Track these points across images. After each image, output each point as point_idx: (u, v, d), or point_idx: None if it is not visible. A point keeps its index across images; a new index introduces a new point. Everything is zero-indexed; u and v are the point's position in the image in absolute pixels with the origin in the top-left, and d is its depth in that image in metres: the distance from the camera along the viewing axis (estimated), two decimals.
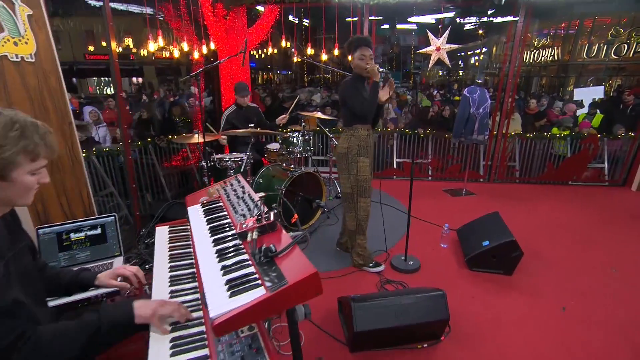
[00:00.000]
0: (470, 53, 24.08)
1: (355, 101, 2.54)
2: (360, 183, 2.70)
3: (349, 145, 2.66)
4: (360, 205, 2.75)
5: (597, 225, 3.88)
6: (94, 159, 4.05)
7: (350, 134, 2.68)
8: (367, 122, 2.67)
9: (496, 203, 4.49)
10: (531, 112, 6.70)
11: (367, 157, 2.68)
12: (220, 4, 4.53)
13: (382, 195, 4.73)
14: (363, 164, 2.66)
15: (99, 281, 1.32)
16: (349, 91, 2.58)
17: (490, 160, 5.35)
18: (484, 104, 4.36)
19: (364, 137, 2.65)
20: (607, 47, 13.57)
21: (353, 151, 2.66)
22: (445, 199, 4.68)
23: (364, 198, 2.74)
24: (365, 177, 2.68)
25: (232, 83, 4.96)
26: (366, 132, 2.66)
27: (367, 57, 2.53)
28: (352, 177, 2.71)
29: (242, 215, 1.39)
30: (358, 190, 2.72)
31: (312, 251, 3.27)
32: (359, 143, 2.65)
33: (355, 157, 2.66)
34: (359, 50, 2.54)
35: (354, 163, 2.67)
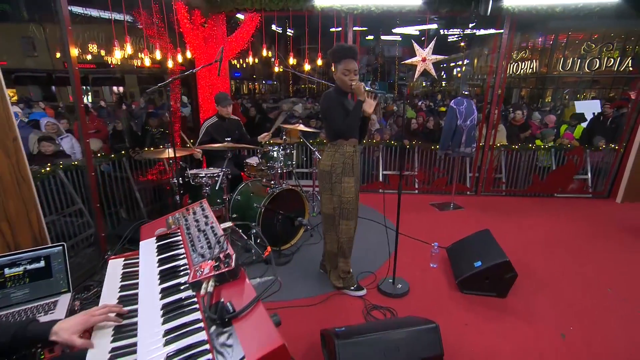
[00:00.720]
0: (452, 65, 24.56)
1: (336, 118, 2.36)
2: (343, 205, 2.49)
3: (333, 162, 2.47)
4: (342, 228, 2.55)
5: (587, 239, 3.79)
6: (61, 173, 3.74)
7: (334, 150, 2.48)
8: (353, 137, 2.48)
9: (485, 217, 4.37)
10: (516, 123, 6.70)
11: (353, 176, 2.48)
12: (197, 11, 4.33)
13: (368, 211, 4.58)
14: (347, 185, 2.46)
15: (57, 336, 1.00)
16: (330, 105, 2.39)
17: (477, 172, 5.27)
18: (471, 116, 4.26)
19: (349, 154, 2.46)
20: (581, 61, 14.08)
21: (337, 170, 2.46)
22: (433, 213, 4.53)
23: (347, 221, 2.53)
24: (350, 199, 2.48)
25: (211, 93, 4.74)
26: (352, 148, 2.47)
27: (351, 72, 2.33)
28: (335, 197, 2.50)
29: (200, 255, 1.15)
30: (340, 212, 2.52)
31: (294, 273, 3.03)
32: (344, 160, 2.46)
33: (339, 177, 2.46)
34: (343, 62, 2.34)
35: (338, 183, 2.47)
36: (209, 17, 4.45)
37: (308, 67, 4.84)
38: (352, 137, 2.45)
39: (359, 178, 2.62)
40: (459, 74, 23.66)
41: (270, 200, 3.22)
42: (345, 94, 2.42)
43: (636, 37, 12.86)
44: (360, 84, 2.32)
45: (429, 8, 4.21)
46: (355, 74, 2.35)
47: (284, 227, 3.37)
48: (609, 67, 13.42)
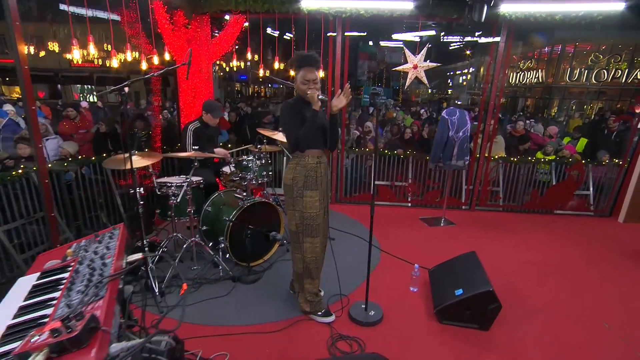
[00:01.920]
0: (458, 73, 24.37)
1: (292, 129, 2.18)
2: (306, 221, 2.27)
3: (294, 175, 2.25)
4: (307, 247, 2.32)
5: (586, 264, 3.51)
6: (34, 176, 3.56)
7: (295, 163, 2.27)
8: (316, 147, 2.27)
9: (477, 235, 4.10)
10: (517, 134, 6.44)
11: (316, 189, 2.26)
12: (180, 11, 4.15)
13: (354, 224, 4.33)
14: (310, 199, 2.25)
15: None
16: (287, 115, 2.21)
17: (472, 185, 5.01)
18: (463, 127, 4.02)
19: (312, 166, 2.25)
20: (588, 72, 13.82)
21: (299, 183, 2.24)
22: (421, 229, 4.28)
23: (311, 238, 2.31)
24: (313, 215, 2.26)
25: (194, 97, 4.55)
26: (315, 159, 2.26)
27: (310, 81, 2.17)
28: (297, 213, 2.29)
29: (67, 306, 0.92)
30: (304, 229, 2.30)
31: (261, 293, 2.80)
32: (306, 173, 2.24)
33: (301, 191, 2.24)
34: (302, 71, 2.18)
35: (300, 197, 2.25)
36: (193, 19, 4.27)
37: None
38: (313, 148, 2.24)
39: (327, 192, 2.40)
40: (464, 82, 23.46)
41: (241, 214, 3.00)
42: (307, 103, 2.22)
43: None
44: (315, 91, 2.13)
45: (421, 12, 3.99)
46: (314, 84, 2.18)
47: (256, 241, 3.14)
48: (617, 79, 13.15)
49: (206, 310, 2.58)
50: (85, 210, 4.03)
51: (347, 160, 5.51)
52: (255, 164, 3.21)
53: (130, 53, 3.21)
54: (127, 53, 3.21)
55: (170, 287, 2.81)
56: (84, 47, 2.99)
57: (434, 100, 17.52)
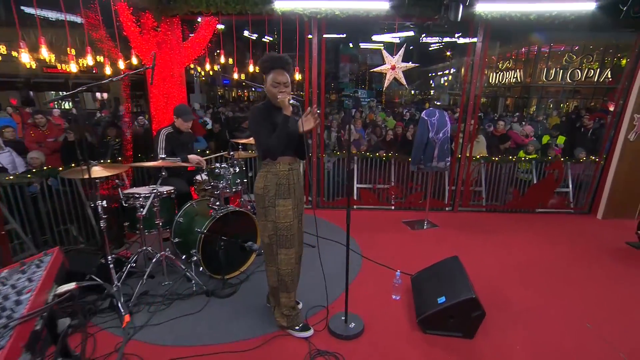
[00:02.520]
0: (440, 74, 24.71)
1: (261, 136, 2.05)
2: (279, 232, 2.15)
3: (265, 184, 2.13)
4: (281, 259, 2.20)
5: (567, 262, 3.49)
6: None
7: (265, 171, 2.14)
8: (288, 154, 2.15)
9: (461, 237, 4.05)
10: (497, 134, 6.48)
11: (289, 198, 2.14)
12: (148, 13, 3.98)
13: (335, 230, 4.22)
14: (283, 208, 2.12)
15: None
16: (256, 122, 2.07)
17: (454, 185, 4.97)
18: (443, 128, 3.98)
19: (283, 173, 2.13)
20: (563, 71, 14.23)
21: (270, 192, 2.12)
22: (404, 232, 4.20)
23: (286, 249, 2.18)
24: (286, 225, 2.14)
25: (166, 103, 4.37)
26: (287, 166, 2.14)
27: (281, 84, 2.04)
28: (270, 224, 2.16)
29: None
30: (277, 241, 2.17)
31: (236, 308, 2.66)
32: (278, 181, 2.12)
33: (272, 200, 2.12)
34: (272, 73, 2.05)
35: (272, 207, 2.13)
36: (162, 21, 4.10)
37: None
38: (285, 155, 2.13)
39: (301, 199, 2.29)
40: (445, 83, 23.80)
41: (214, 224, 2.85)
42: (277, 108, 2.10)
43: (614, 49, 13.07)
44: (287, 95, 2.01)
45: (397, 13, 3.94)
46: (285, 87, 2.06)
47: (232, 253, 2.99)
48: (590, 78, 13.56)
49: (177, 329, 2.42)
50: (53, 223, 3.82)
51: (329, 163, 5.42)
52: (228, 171, 3.06)
53: (91, 57, 3.02)
54: (87, 57, 3.02)
55: (138, 305, 2.64)
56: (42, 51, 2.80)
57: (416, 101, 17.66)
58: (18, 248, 3.60)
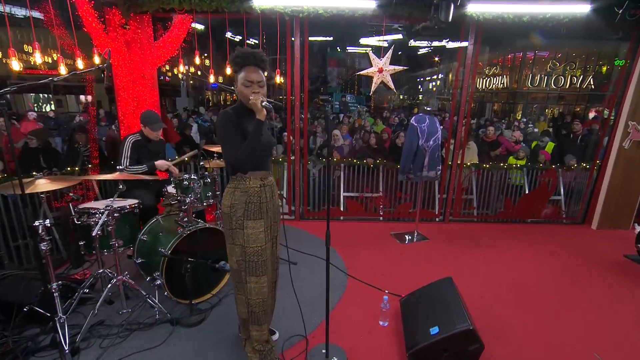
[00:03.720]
0: (428, 79, 24.78)
1: (229, 146, 1.75)
2: (249, 257, 1.85)
3: (232, 202, 1.83)
4: (251, 287, 1.89)
5: (565, 280, 3.27)
6: None
7: (233, 187, 1.85)
8: (261, 168, 1.87)
9: (451, 251, 3.81)
10: (488, 140, 6.31)
11: (261, 218, 1.85)
12: (115, 9, 3.65)
13: (318, 244, 3.89)
14: (253, 231, 1.83)
15: None
16: (224, 129, 1.76)
17: (445, 193, 4.74)
18: (434, 135, 3.74)
19: (254, 190, 1.83)
20: (547, 78, 14.37)
21: (237, 212, 1.82)
22: (393, 246, 3.93)
23: (256, 277, 1.88)
24: (257, 250, 1.84)
25: (136, 107, 4.03)
26: (258, 182, 1.85)
27: (254, 82, 1.75)
28: (238, 248, 1.86)
29: None
30: (247, 267, 1.87)
31: (204, 338, 2.33)
32: (247, 199, 1.82)
33: (241, 221, 1.82)
34: (244, 71, 1.75)
35: (239, 229, 1.83)
36: (131, 18, 3.77)
37: None
38: (257, 169, 1.84)
39: (275, 219, 1.99)
40: (434, 88, 23.86)
41: (180, 243, 2.53)
42: (248, 112, 1.81)
43: (596, 57, 13.31)
44: (259, 98, 1.72)
45: (384, 12, 3.70)
46: (260, 86, 1.77)
47: (202, 274, 2.67)
48: (573, 85, 13.73)
49: None
50: (9, 239, 3.42)
51: (314, 170, 5.15)
52: (197, 184, 2.74)
53: (40, 55, 2.68)
54: (35, 55, 2.67)
55: (89, 339, 2.29)
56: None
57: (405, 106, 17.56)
58: None
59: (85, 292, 2.49)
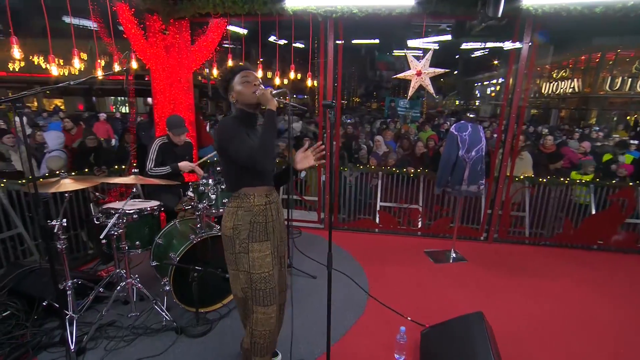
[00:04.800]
0: (486, 83, 23.23)
1: (240, 146, 1.57)
2: (255, 285, 1.66)
3: (235, 224, 1.66)
4: (258, 318, 1.70)
5: (634, 329, 2.69)
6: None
7: (235, 206, 1.68)
8: (266, 182, 1.71)
9: (491, 277, 3.35)
10: (546, 151, 5.61)
11: (267, 240, 1.68)
12: (156, 16, 3.78)
13: (343, 257, 3.68)
14: (260, 254, 1.65)
15: None
16: (228, 132, 1.61)
17: (490, 209, 4.23)
18: (477, 145, 3.34)
19: (259, 208, 1.67)
20: (632, 80, 12.62)
21: (242, 234, 1.66)
22: (424, 266, 3.57)
23: (263, 307, 1.68)
24: (264, 276, 1.66)
25: (173, 110, 4.14)
26: (263, 199, 1.68)
27: (251, 80, 1.65)
28: (243, 275, 1.68)
29: None
30: (253, 295, 1.68)
31: (207, 350, 2.24)
32: (252, 219, 1.66)
33: (245, 244, 1.65)
34: (239, 75, 1.67)
35: (244, 254, 1.66)
36: (170, 24, 3.88)
37: (278, 81, 4.22)
38: (264, 183, 1.70)
39: (282, 238, 1.82)
40: (492, 94, 22.30)
41: (190, 250, 2.47)
42: (248, 117, 1.67)
43: None
44: (267, 89, 1.59)
45: (425, 10, 3.39)
46: (258, 83, 1.66)
47: (211, 283, 2.59)
48: None
49: None
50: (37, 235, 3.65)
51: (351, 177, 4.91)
52: (213, 189, 2.67)
53: (78, 61, 2.81)
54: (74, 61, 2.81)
55: (97, 339, 2.31)
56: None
57: (457, 112, 16.51)
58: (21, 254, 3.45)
59: (101, 291, 2.53)
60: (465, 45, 10.74)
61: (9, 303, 2.45)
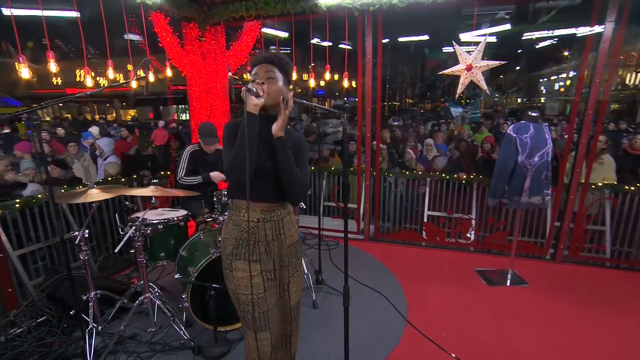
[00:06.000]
0: (554, 78, 20.93)
1: (226, 154, 1.41)
2: (242, 306, 1.47)
3: (224, 236, 1.51)
4: (250, 343, 1.51)
5: None
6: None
7: (228, 217, 1.52)
8: (261, 199, 1.47)
9: (560, 307, 2.79)
10: (635, 152, 4.71)
11: (256, 261, 1.47)
12: (193, 23, 3.79)
13: (381, 273, 3.34)
14: (245, 274, 1.45)
15: None
16: (223, 137, 1.46)
17: (558, 221, 3.59)
18: (541, 149, 2.82)
19: (247, 225, 1.46)
20: None
21: (227, 249, 1.48)
22: (475, 288, 3.10)
23: (253, 332, 1.49)
24: (252, 298, 1.45)
25: (209, 117, 4.13)
26: (256, 215, 1.47)
27: (260, 75, 1.41)
28: (232, 293, 1.51)
29: None
30: (242, 317, 1.51)
31: None
32: (238, 235, 1.47)
33: (229, 261, 1.47)
34: (254, 69, 1.45)
35: (229, 270, 1.48)
36: (206, 30, 3.87)
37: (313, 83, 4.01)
38: (259, 198, 1.46)
39: (287, 264, 1.56)
40: (562, 89, 20.03)
41: (209, 265, 2.34)
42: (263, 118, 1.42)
43: None
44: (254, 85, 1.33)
45: None
46: (268, 78, 1.41)
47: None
48: None
49: None
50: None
51: (400, 184, 4.55)
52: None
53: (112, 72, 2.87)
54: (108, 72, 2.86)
55: (116, 353, 2.26)
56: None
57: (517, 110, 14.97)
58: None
59: (125, 302, 2.50)
60: (528, 35, 9.49)
61: (45, 309, 2.52)
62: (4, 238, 2.85)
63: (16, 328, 2.36)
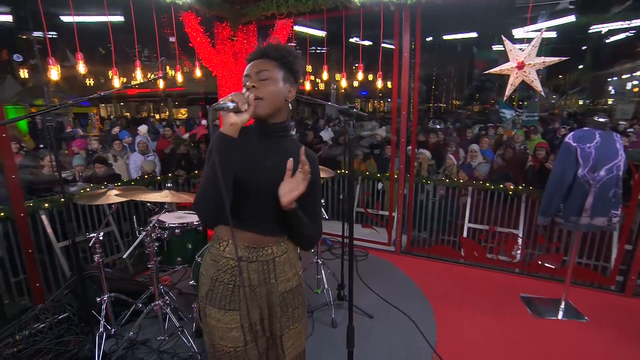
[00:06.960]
0: (626, 77, 18.77)
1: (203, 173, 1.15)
2: (218, 354, 1.20)
3: (201, 270, 1.25)
4: None
5: None
6: None
7: (209, 247, 1.26)
8: (249, 228, 1.16)
9: (627, 350, 2.33)
10: None
11: (235, 310, 1.17)
12: (226, 23, 3.74)
13: (411, 292, 3.03)
14: (219, 325, 1.17)
15: None
16: (209, 150, 1.13)
17: (630, 244, 3.05)
18: (610, 162, 2.38)
19: (227, 263, 1.17)
20: None
21: (202, 289, 1.22)
22: (518, 318, 2.69)
23: None
24: (226, 349, 1.17)
25: None
26: (241, 252, 1.17)
27: (251, 76, 1.12)
28: (206, 337, 1.24)
29: None
30: None
31: None
32: (214, 274, 1.19)
33: (203, 303, 1.21)
34: (246, 69, 1.16)
35: (202, 312, 1.22)
36: (238, 30, 3.81)
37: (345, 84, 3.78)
38: (246, 227, 1.15)
39: (279, 314, 1.22)
40: (635, 89, 17.94)
41: None
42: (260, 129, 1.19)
43: None
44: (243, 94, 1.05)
45: None
46: (261, 79, 1.11)
47: None
48: None
49: None
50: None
51: (440, 192, 4.21)
52: None
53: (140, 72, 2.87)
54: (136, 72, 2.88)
55: (126, 358, 2.21)
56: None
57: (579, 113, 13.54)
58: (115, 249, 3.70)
59: (139, 306, 2.46)
60: (597, 27, 8.30)
61: (68, 306, 2.56)
62: (50, 230, 3.00)
63: (39, 323, 2.41)
